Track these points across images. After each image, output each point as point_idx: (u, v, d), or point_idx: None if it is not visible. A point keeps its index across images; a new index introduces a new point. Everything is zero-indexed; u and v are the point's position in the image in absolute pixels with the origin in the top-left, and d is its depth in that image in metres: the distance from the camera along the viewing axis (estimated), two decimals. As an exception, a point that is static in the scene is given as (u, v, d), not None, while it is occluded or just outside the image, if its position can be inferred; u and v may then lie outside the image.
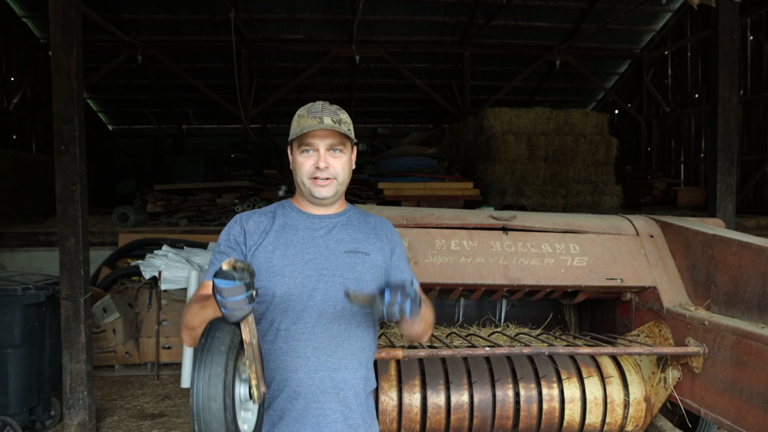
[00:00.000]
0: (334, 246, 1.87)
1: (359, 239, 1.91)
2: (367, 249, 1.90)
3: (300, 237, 1.86)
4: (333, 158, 1.86)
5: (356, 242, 1.90)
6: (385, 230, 2.00)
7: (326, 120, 1.83)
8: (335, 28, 12.29)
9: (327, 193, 1.86)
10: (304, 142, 1.85)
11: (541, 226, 3.23)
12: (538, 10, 11.86)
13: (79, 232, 4.16)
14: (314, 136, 1.84)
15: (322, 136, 1.84)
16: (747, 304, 2.63)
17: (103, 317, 5.59)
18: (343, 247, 1.87)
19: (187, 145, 16.31)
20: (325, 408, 1.77)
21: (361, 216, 2.01)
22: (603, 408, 2.92)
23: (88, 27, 7.71)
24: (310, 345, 1.78)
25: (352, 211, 2.01)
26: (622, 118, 14.73)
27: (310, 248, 1.84)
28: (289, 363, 1.77)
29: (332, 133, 1.84)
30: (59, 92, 4.15)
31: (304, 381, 1.77)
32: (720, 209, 5.54)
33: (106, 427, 4.52)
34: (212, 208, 8.80)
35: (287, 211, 1.94)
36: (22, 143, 11.52)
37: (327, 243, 1.87)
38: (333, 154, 1.86)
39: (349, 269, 1.84)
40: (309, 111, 1.87)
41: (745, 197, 10.37)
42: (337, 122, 1.84)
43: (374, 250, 1.91)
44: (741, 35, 10.17)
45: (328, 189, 1.86)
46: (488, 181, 10.17)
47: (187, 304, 1.81)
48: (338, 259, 1.85)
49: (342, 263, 1.84)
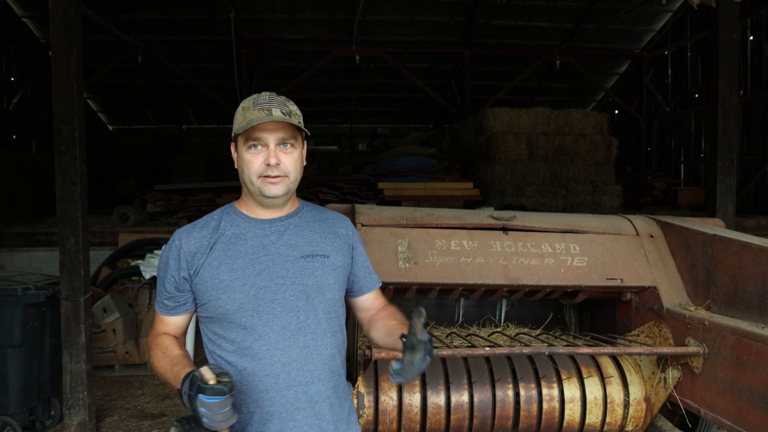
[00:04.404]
0: (287, 252, 1.72)
1: (316, 241, 1.76)
2: (326, 251, 1.76)
3: (248, 247, 1.70)
4: (284, 154, 1.69)
5: (313, 245, 1.75)
6: (343, 227, 1.86)
7: (275, 112, 1.66)
8: (335, 28, 12.30)
9: (278, 191, 1.70)
10: (251, 137, 1.67)
11: (541, 226, 3.23)
12: (538, 10, 11.87)
13: (79, 232, 4.16)
14: (262, 130, 1.66)
15: (272, 130, 1.67)
16: (747, 304, 2.63)
17: (103, 317, 5.59)
18: (298, 251, 1.73)
19: (187, 145, 16.32)
20: (302, 424, 1.67)
21: (315, 213, 1.86)
22: (603, 408, 2.92)
23: (88, 27, 7.71)
24: (277, 361, 1.66)
25: (305, 209, 1.85)
26: (622, 118, 14.73)
27: (260, 258, 1.69)
28: (258, 383, 1.65)
29: (282, 125, 1.67)
30: (59, 92, 4.14)
31: (276, 400, 1.66)
32: (720, 209, 5.54)
33: (106, 427, 4.52)
34: (212, 208, 8.78)
35: (232, 218, 1.77)
36: (22, 143, 11.52)
37: (279, 249, 1.71)
38: (284, 150, 1.69)
39: (308, 275, 1.71)
40: (255, 103, 1.69)
41: (745, 197, 10.37)
42: (287, 114, 1.67)
43: (333, 250, 1.78)
44: (741, 35, 10.17)
45: (279, 187, 1.69)
46: (488, 181, 10.17)
47: (152, 343, 1.75)
48: (294, 265, 1.70)
49: (299, 269, 1.71)
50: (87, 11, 7.94)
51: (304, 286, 1.70)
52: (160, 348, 1.72)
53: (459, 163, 11.07)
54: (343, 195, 9.03)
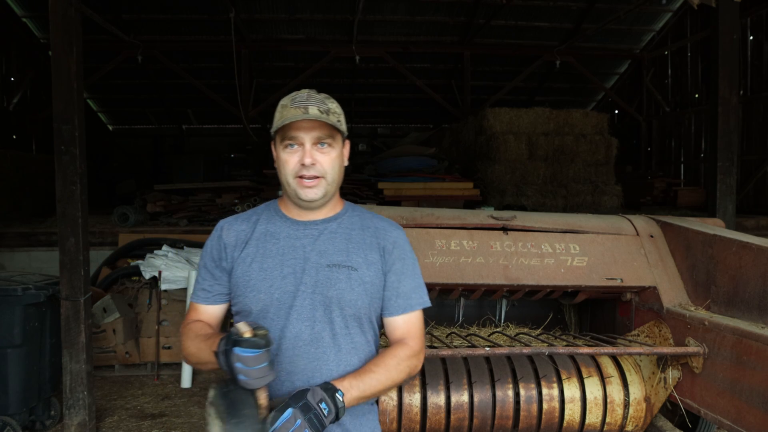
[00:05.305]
0: (316, 258, 1.64)
1: (349, 250, 1.67)
2: (355, 263, 1.65)
3: (280, 247, 1.66)
4: (320, 153, 1.63)
5: (343, 254, 1.66)
6: (387, 239, 1.72)
7: (312, 110, 1.59)
8: (335, 28, 12.29)
9: (314, 195, 1.63)
10: (287, 136, 1.62)
11: (541, 226, 3.23)
12: (538, 10, 11.87)
13: (79, 232, 4.16)
14: (298, 129, 1.61)
15: (308, 129, 1.61)
16: (747, 304, 2.63)
17: (103, 317, 5.59)
18: (326, 259, 1.64)
19: (187, 145, 16.31)
20: None
21: (359, 220, 1.76)
22: (603, 408, 2.91)
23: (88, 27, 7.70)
24: (283, 369, 1.60)
25: (348, 213, 1.77)
26: (622, 118, 14.73)
27: (289, 260, 1.64)
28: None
29: (319, 124, 1.61)
30: (59, 92, 4.15)
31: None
32: (720, 209, 5.54)
33: (106, 427, 4.52)
34: (212, 208, 8.80)
35: (271, 215, 1.73)
36: (22, 143, 11.52)
37: (309, 255, 1.64)
38: (320, 149, 1.63)
39: (329, 286, 1.62)
40: (293, 100, 1.63)
41: (745, 197, 10.37)
42: (325, 112, 1.61)
43: (365, 264, 1.66)
44: (741, 35, 10.17)
45: (315, 190, 1.63)
46: (488, 181, 10.17)
47: (184, 330, 1.70)
48: (319, 273, 1.63)
49: (323, 279, 1.62)
50: (87, 11, 7.92)
51: (324, 296, 1.62)
52: (193, 331, 1.66)
53: (459, 163, 11.07)
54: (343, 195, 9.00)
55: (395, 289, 1.70)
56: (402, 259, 1.73)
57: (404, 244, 1.75)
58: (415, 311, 1.73)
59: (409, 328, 1.72)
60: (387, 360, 1.64)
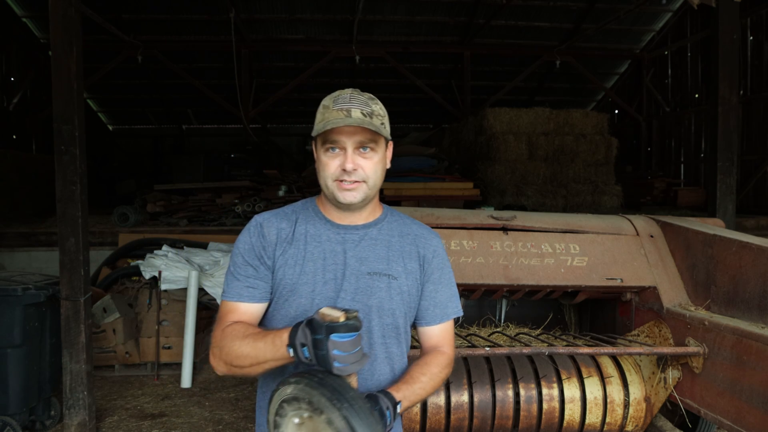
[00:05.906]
0: (356, 265, 1.60)
1: (390, 258, 1.63)
2: (395, 271, 1.62)
3: (321, 251, 1.61)
4: (363, 158, 1.56)
5: (383, 262, 1.62)
6: (427, 248, 1.69)
7: (354, 113, 1.52)
8: (335, 28, 12.30)
9: (354, 199, 1.58)
10: (328, 140, 1.56)
11: (541, 226, 3.23)
12: (538, 10, 11.87)
13: (79, 232, 4.16)
14: (340, 133, 1.54)
15: (350, 133, 1.54)
16: (747, 304, 2.63)
17: (103, 317, 5.59)
18: (366, 267, 1.60)
19: (187, 145, 16.31)
20: None
21: (398, 226, 1.70)
22: (603, 408, 2.92)
23: (88, 27, 7.72)
24: None
25: (388, 219, 1.71)
26: (622, 118, 14.73)
27: (331, 265, 1.60)
28: None
29: (362, 129, 1.54)
30: (59, 92, 4.14)
31: None
32: (720, 209, 5.54)
33: (106, 427, 4.52)
34: (212, 208, 8.80)
35: (310, 215, 1.67)
36: (22, 143, 11.53)
37: (349, 261, 1.60)
38: (363, 154, 1.57)
39: (369, 295, 1.58)
40: (335, 101, 1.56)
41: (745, 197, 10.37)
42: (368, 115, 1.54)
43: (404, 273, 1.63)
44: (741, 35, 10.17)
45: (355, 194, 1.57)
46: (488, 181, 10.17)
47: (224, 333, 1.54)
48: (359, 281, 1.59)
49: (363, 287, 1.59)
50: (87, 11, 7.94)
51: (363, 305, 1.58)
52: (239, 331, 1.52)
53: (459, 163, 11.07)
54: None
55: (432, 299, 1.69)
56: (441, 268, 1.71)
57: (442, 253, 1.73)
58: (450, 320, 1.74)
59: (444, 336, 1.73)
60: (432, 369, 1.63)
